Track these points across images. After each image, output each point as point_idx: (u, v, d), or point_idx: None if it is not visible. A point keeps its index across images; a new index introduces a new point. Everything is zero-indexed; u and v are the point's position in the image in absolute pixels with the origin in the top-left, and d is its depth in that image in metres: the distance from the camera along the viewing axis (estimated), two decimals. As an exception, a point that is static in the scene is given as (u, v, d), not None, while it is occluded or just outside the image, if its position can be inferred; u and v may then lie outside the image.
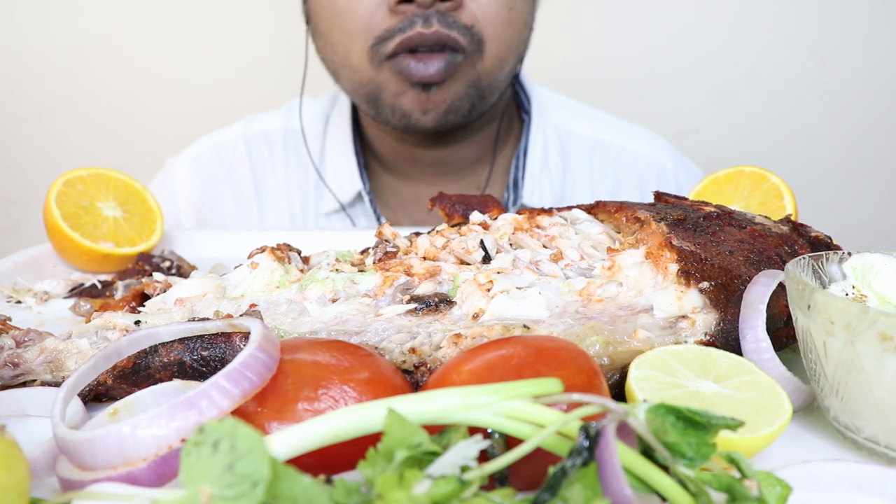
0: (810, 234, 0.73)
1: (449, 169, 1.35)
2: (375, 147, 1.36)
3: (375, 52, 1.11)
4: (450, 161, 1.34)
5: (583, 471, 0.38)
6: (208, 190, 1.40)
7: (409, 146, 1.31)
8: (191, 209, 1.39)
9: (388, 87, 1.14)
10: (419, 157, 1.33)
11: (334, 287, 0.66)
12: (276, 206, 1.39)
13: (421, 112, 1.16)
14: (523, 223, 0.76)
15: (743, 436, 0.47)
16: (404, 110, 1.16)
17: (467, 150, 1.33)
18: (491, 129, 1.34)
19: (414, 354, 0.58)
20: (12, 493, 0.37)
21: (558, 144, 1.38)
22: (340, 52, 1.16)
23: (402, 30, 1.09)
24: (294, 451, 0.39)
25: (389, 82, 1.14)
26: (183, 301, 0.67)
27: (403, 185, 1.37)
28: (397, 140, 1.31)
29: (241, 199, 1.40)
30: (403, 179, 1.37)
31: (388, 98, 1.16)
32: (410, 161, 1.34)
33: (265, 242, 0.77)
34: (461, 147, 1.32)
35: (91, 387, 0.58)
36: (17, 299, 0.84)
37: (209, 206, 1.39)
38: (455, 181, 1.36)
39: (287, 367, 0.48)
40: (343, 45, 1.14)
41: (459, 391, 0.40)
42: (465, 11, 1.10)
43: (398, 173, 1.36)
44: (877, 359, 0.49)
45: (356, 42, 1.12)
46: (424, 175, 1.35)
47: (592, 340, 0.57)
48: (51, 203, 0.95)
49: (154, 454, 0.41)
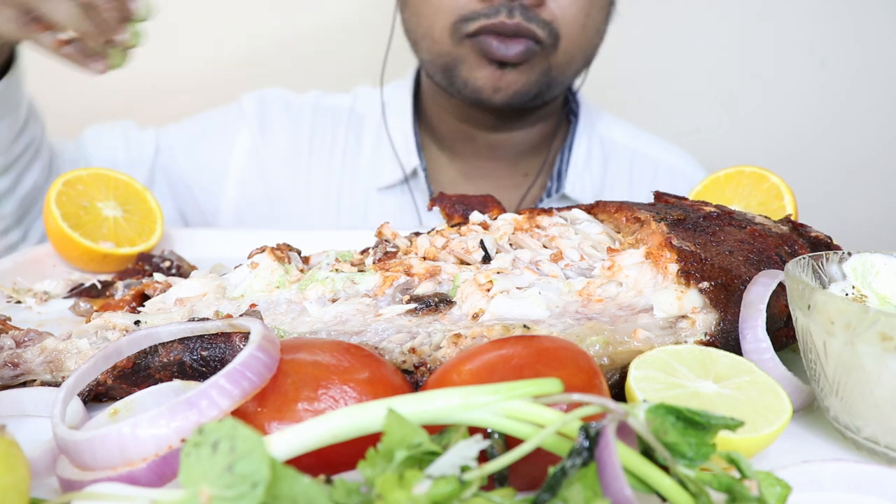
0: (810, 234, 0.74)
1: (501, 153, 1.43)
2: (434, 124, 1.44)
3: (457, 29, 1.21)
4: (503, 146, 1.43)
5: (583, 471, 0.38)
6: (268, 129, 1.45)
7: (469, 126, 1.40)
8: (248, 141, 1.44)
9: (466, 60, 1.23)
10: (476, 138, 1.41)
11: (334, 287, 0.66)
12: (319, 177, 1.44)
13: (492, 90, 1.24)
14: (523, 223, 0.76)
15: (743, 436, 0.47)
16: (477, 86, 1.24)
17: (521, 138, 1.43)
18: (545, 123, 1.44)
19: (414, 354, 0.58)
20: (12, 493, 0.37)
21: (601, 149, 1.48)
22: (424, 24, 1.25)
23: (487, 15, 1.18)
24: (294, 451, 0.39)
25: (468, 57, 1.23)
26: (183, 301, 0.67)
27: (456, 163, 1.45)
28: (459, 119, 1.39)
29: (292, 156, 1.45)
30: (457, 158, 1.45)
31: (464, 72, 1.24)
32: (467, 140, 1.42)
33: (265, 242, 0.77)
34: (517, 134, 1.42)
35: (91, 387, 0.58)
36: (17, 299, 0.84)
37: (262, 145, 1.44)
38: (505, 166, 1.45)
39: (287, 367, 0.48)
40: (427, 17, 1.24)
41: (459, 391, 0.40)
42: (546, 9, 1.20)
43: (453, 152, 1.44)
44: (877, 359, 0.49)
45: (441, 17, 1.22)
46: (477, 156, 1.44)
47: (592, 340, 0.57)
48: (51, 203, 0.95)
49: (154, 454, 0.41)
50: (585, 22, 1.25)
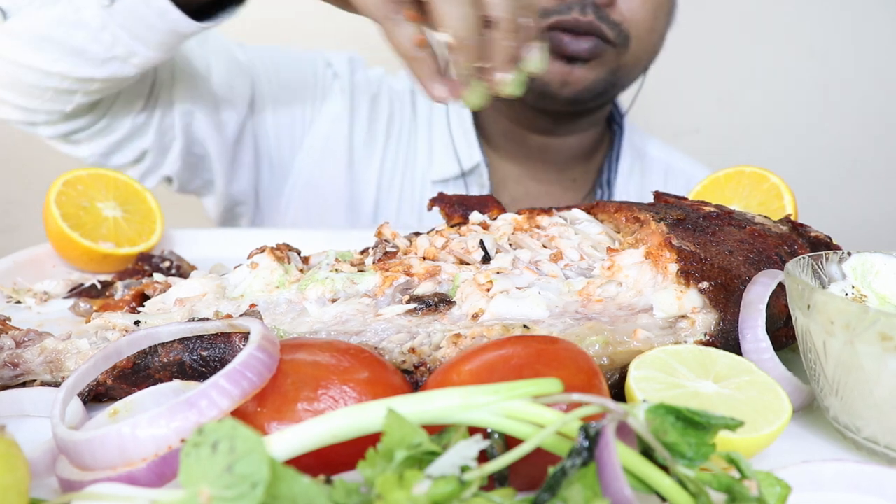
0: (810, 233, 0.73)
1: (550, 157, 1.45)
2: (486, 123, 1.45)
3: None
4: (553, 150, 1.44)
5: (582, 471, 0.38)
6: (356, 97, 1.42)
7: (522, 129, 1.41)
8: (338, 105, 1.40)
9: None
10: (528, 141, 1.43)
11: (334, 287, 0.66)
12: (385, 161, 1.42)
13: (561, 84, 1.26)
14: (523, 223, 0.76)
15: (743, 436, 0.47)
16: (545, 79, 1.25)
17: (571, 144, 1.45)
18: (595, 130, 1.46)
19: (414, 354, 0.58)
20: (12, 493, 0.37)
21: (640, 161, 1.52)
22: None
23: (560, 12, 1.20)
24: (294, 451, 0.39)
25: None
26: (183, 301, 0.67)
27: (505, 164, 1.46)
28: (512, 120, 1.40)
29: (368, 132, 1.42)
30: (508, 159, 1.46)
31: None
32: (519, 142, 1.43)
33: (265, 242, 0.77)
34: (567, 140, 1.44)
35: (91, 387, 0.58)
36: (17, 299, 0.84)
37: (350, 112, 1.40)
38: (554, 170, 1.47)
39: (287, 367, 0.47)
40: None
41: (459, 391, 0.40)
42: (616, 10, 1.23)
43: (504, 152, 1.46)
44: (877, 359, 0.49)
45: None
46: (528, 158, 1.45)
47: (592, 340, 0.57)
48: (51, 203, 0.95)
49: (154, 454, 0.41)
50: (653, 26, 1.27)
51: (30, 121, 1.11)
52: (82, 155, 1.19)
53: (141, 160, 1.23)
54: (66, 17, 0.97)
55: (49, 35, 0.98)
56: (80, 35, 0.98)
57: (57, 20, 0.97)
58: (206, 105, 1.26)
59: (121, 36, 0.97)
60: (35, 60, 1.00)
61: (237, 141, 1.34)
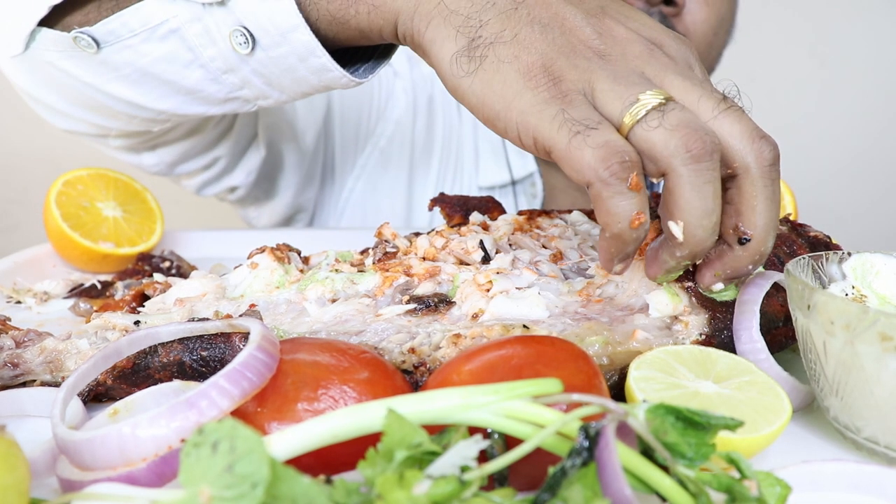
0: (810, 233, 0.73)
1: None
2: None
3: None
4: None
5: (582, 471, 0.38)
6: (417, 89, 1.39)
7: None
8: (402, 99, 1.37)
9: None
10: None
11: (334, 287, 0.66)
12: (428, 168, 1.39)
13: None
14: (523, 224, 0.76)
15: (743, 436, 0.47)
16: None
17: None
18: None
19: (413, 354, 0.58)
20: (12, 493, 0.37)
21: None
22: None
23: None
24: (294, 451, 0.39)
25: None
26: (183, 301, 0.67)
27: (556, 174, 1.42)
28: None
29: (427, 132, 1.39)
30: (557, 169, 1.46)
31: None
32: None
33: (265, 242, 0.77)
34: None
35: (91, 387, 0.58)
36: (16, 299, 0.84)
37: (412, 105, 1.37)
38: None
39: (287, 367, 0.48)
40: None
41: (459, 391, 0.40)
42: (681, 21, 1.20)
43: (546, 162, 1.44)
44: (877, 359, 0.49)
45: None
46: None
47: (592, 341, 0.57)
48: (51, 203, 0.95)
49: (154, 454, 0.41)
50: (713, 41, 1.25)
51: (102, 135, 0.99)
52: (147, 163, 1.09)
53: (209, 167, 1.18)
54: (177, 56, 0.78)
55: (153, 72, 0.80)
56: (194, 75, 0.80)
57: (165, 58, 0.79)
58: (287, 117, 1.23)
59: (253, 81, 0.79)
60: (132, 95, 0.84)
61: (314, 152, 1.31)
